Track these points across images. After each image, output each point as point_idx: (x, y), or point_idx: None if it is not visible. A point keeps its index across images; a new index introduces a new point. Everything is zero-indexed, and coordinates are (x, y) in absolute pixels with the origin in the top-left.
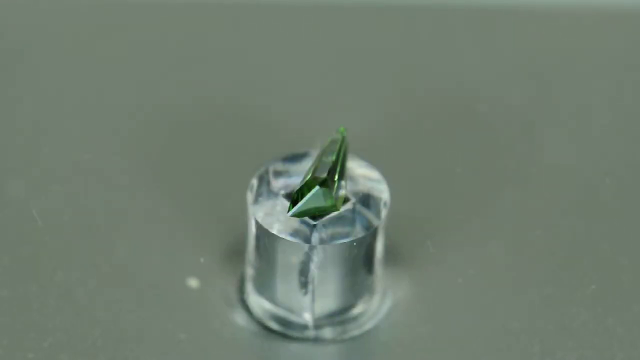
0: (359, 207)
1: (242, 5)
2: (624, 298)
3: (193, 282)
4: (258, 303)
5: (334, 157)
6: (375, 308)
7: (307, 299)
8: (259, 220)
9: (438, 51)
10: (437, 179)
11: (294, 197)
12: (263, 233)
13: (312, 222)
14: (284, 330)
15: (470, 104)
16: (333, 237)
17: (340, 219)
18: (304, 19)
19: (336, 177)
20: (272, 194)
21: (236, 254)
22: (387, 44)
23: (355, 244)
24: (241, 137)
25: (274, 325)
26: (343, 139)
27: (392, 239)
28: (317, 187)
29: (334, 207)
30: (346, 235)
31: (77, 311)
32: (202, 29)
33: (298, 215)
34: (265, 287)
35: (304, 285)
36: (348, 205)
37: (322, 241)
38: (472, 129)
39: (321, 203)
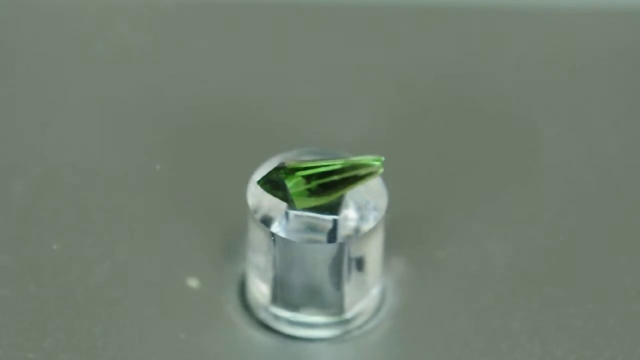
0: (341, 223)
1: (242, 5)
2: (624, 298)
3: (193, 282)
4: (249, 278)
5: (332, 166)
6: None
7: (267, 285)
8: (249, 193)
9: (438, 51)
10: (437, 179)
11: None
12: (248, 206)
13: (287, 210)
14: (248, 303)
15: (470, 103)
16: (297, 236)
17: (315, 223)
18: (304, 19)
19: (314, 182)
20: None
21: (236, 253)
22: (387, 44)
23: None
24: (241, 137)
25: (250, 297)
26: (375, 167)
27: (392, 239)
28: (273, 170)
29: (286, 200)
30: (311, 240)
31: (77, 311)
32: (202, 29)
33: (262, 188)
34: (249, 263)
35: (268, 270)
36: (327, 216)
37: (283, 231)
38: (472, 129)
39: (273, 188)
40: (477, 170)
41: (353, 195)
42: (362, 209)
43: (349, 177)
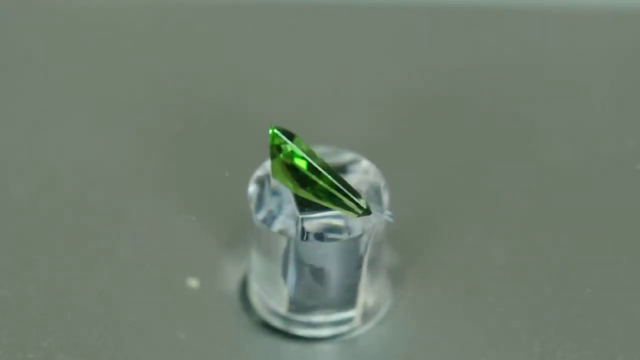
0: (307, 224)
1: (241, 6)
2: (624, 298)
3: (193, 282)
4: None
5: (329, 174)
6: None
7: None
8: (250, 186)
9: (438, 51)
10: (437, 179)
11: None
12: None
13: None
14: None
15: (470, 104)
16: (270, 214)
17: (288, 211)
18: (304, 19)
19: (289, 162)
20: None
21: (236, 253)
22: (387, 44)
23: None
24: (241, 137)
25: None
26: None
27: (392, 239)
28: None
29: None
30: (278, 225)
31: (77, 311)
32: (203, 29)
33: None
34: None
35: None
36: (297, 212)
37: (259, 207)
38: (472, 129)
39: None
40: (477, 171)
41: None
42: (345, 222)
43: (326, 193)
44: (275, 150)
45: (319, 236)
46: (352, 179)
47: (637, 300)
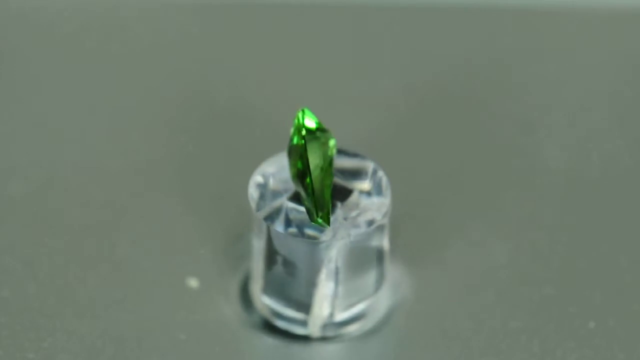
0: (289, 211)
1: (242, 5)
2: (624, 298)
3: (193, 282)
4: None
5: (323, 178)
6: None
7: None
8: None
9: (438, 51)
10: (438, 179)
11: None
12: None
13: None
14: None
15: (470, 103)
16: (267, 209)
17: (278, 209)
18: (304, 19)
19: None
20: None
21: (236, 253)
22: (387, 43)
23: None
24: (241, 137)
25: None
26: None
27: (393, 238)
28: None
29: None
30: (268, 211)
31: (77, 311)
32: (203, 29)
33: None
34: None
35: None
36: (284, 199)
37: (255, 193)
38: (473, 129)
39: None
40: (477, 170)
41: (344, 209)
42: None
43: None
44: (297, 132)
45: (300, 229)
46: (362, 201)
47: (637, 300)
